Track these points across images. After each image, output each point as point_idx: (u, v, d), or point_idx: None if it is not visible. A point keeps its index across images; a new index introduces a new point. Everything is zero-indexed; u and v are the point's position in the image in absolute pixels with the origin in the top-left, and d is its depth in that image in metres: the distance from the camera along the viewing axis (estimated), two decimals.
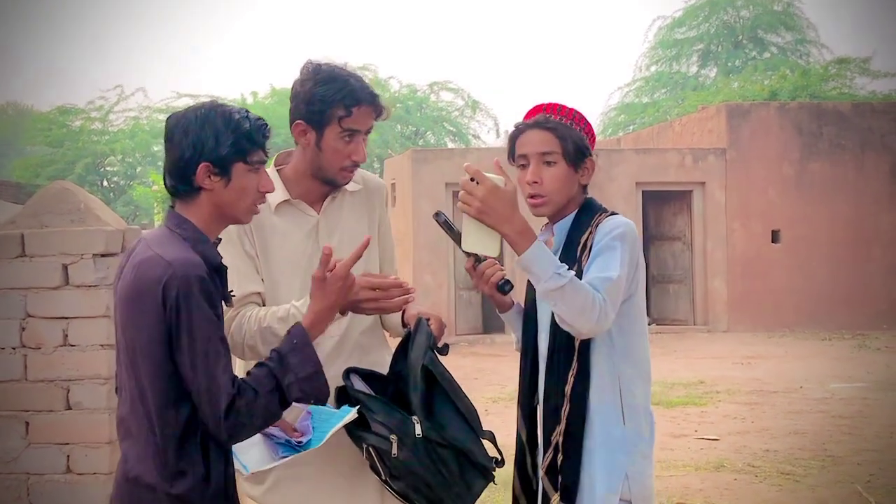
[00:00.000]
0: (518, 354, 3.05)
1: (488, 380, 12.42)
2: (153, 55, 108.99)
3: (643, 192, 18.07)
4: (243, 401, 2.31)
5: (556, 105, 2.91)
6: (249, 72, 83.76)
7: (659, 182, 18.07)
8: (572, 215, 2.90)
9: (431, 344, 2.86)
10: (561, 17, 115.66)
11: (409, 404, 2.78)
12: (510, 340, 3.17)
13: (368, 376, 2.94)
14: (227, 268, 2.51)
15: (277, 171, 3.16)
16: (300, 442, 2.63)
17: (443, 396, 2.83)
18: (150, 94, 65.96)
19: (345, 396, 2.83)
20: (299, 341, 2.46)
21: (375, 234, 3.26)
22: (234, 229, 2.87)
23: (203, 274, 2.33)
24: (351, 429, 2.78)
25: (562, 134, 2.84)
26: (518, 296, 3.01)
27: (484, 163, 17.15)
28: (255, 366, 2.43)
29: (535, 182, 2.86)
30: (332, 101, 2.97)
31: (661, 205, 18.79)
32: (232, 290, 2.55)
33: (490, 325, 17.35)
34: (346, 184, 3.14)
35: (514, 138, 2.93)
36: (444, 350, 2.92)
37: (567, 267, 2.66)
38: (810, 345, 16.00)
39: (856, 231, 18.16)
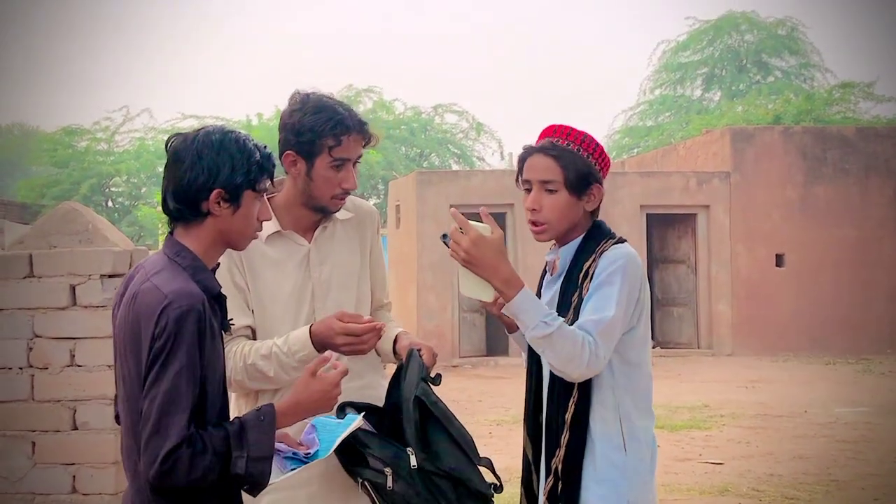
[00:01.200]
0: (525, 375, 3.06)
1: (492, 402, 12.39)
2: (158, 76, 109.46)
3: (647, 214, 18.09)
4: (189, 451, 2.21)
5: (566, 129, 2.88)
6: (254, 93, 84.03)
7: (663, 205, 18.10)
8: (578, 239, 2.89)
9: (423, 375, 2.87)
10: (565, 40, 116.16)
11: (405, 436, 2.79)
12: (514, 363, 3.20)
13: (365, 409, 2.94)
14: (226, 297, 2.48)
15: (268, 200, 3.17)
16: (308, 454, 2.63)
17: (437, 426, 2.82)
18: (156, 115, 66.02)
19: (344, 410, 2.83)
20: (266, 421, 2.37)
21: (367, 261, 3.27)
22: (224, 261, 2.81)
23: (200, 307, 2.28)
24: (346, 464, 2.80)
25: (565, 162, 2.83)
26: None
27: (488, 185, 17.09)
28: (215, 426, 2.33)
29: (535, 209, 2.87)
30: (322, 132, 2.99)
31: (666, 228, 18.81)
32: (231, 319, 2.55)
33: (494, 348, 17.34)
34: (337, 211, 3.15)
35: (521, 160, 2.93)
36: (437, 380, 2.93)
37: (555, 315, 2.69)
38: (814, 369, 15.97)
39: (860, 255, 18.15)
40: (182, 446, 2.20)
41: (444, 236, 2.85)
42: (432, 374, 2.91)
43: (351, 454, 2.76)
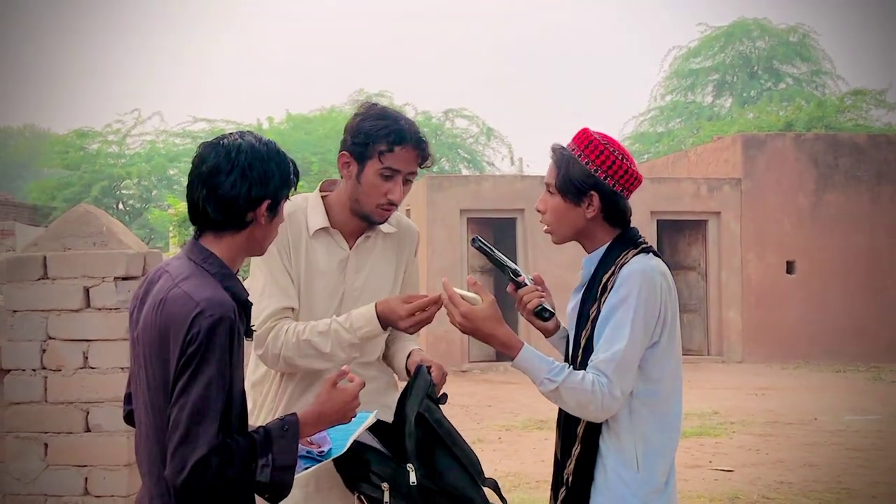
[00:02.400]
0: None
1: (501, 408, 12.36)
2: (170, 79, 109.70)
3: (658, 221, 18.07)
4: (218, 460, 2.21)
5: (580, 133, 2.86)
6: (265, 97, 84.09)
7: (674, 211, 18.09)
8: (601, 250, 2.85)
9: (430, 392, 2.88)
10: (576, 45, 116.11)
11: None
12: None
13: (375, 425, 2.94)
14: (251, 304, 2.48)
15: (322, 197, 3.22)
16: (321, 451, 2.64)
17: (441, 445, 2.84)
18: (167, 119, 66.26)
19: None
20: (290, 430, 2.38)
21: (400, 277, 3.33)
22: (274, 245, 2.88)
23: (231, 315, 2.27)
24: (347, 477, 2.81)
25: (560, 166, 2.83)
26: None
27: (499, 190, 16.98)
28: (241, 434, 2.33)
29: (540, 210, 2.90)
30: (377, 137, 3.04)
31: (676, 234, 18.79)
32: (253, 325, 2.57)
33: (503, 353, 17.28)
34: (382, 222, 3.19)
35: None
36: (443, 399, 2.94)
37: (561, 367, 2.71)
38: (824, 376, 15.93)
39: (871, 263, 18.12)
40: (211, 455, 2.20)
41: (474, 240, 2.91)
42: (439, 393, 2.92)
43: (353, 468, 2.76)
